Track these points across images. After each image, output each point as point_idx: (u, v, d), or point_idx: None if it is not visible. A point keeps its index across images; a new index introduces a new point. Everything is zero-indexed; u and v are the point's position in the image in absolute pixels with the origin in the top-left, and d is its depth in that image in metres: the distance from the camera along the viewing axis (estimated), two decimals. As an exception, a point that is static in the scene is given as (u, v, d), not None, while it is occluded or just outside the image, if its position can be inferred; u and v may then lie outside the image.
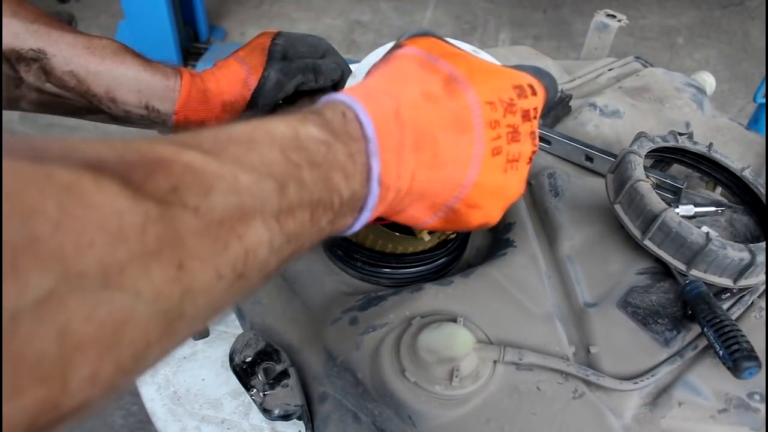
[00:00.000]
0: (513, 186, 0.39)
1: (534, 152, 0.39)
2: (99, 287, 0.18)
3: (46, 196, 0.18)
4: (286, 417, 0.50)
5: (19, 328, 0.17)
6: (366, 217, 0.32)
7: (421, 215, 0.36)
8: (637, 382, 0.47)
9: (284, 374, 0.52)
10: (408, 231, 0.51)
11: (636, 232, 0.54)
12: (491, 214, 0.39)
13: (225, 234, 0.23)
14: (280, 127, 0.28)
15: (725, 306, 0.52)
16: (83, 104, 0.54)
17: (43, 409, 0.18)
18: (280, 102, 0.60)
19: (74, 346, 0.18)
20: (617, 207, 0.55)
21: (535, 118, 0.38)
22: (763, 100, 1.20)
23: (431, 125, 0.33)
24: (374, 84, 0.34)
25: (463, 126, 0.34)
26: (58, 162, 0.19)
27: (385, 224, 0.51)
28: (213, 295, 0.23)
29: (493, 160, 0.36)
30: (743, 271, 0.51)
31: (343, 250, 0.56)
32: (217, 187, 0.23)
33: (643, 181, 0.53)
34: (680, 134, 0.62)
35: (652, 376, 0.47)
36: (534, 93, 0.38)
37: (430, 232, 0.51)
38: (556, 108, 0.73)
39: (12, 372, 0.17)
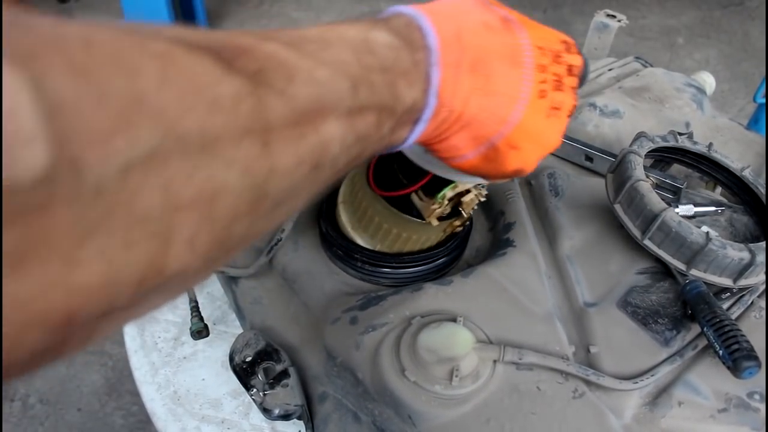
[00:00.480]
0: (553, 134, 0.39)
1: (574, 107, 0.40)
2: (198, 151, 0.19)
3: (145, 58, 0.18)
4: (286, 417, 0.50)
5: (129, 180, 0.17)
6: (420, 130, 0.33)
7: (463, 146, 0.36)
8: (637, 382, 0.47)
9: (284, 374, 0.52)
10: (418, 216, 0.51)
11: (636, 232, 0.54)
12: (528, 160, 0.39)
13: (305, 123, 0.24)
14: (350, 31, 0.29)
15: (725, 306, 0.52)
16: None
17: (149, 271, 0.19)
18: None
19: (176, 206, 0.19)
20: (617, 207, 0.55)
21: (577, 76, 0.39)
22: (763, 100, 1.20)
23: (488, 53, 0.34)
24: (436, 8, 0.35)
25: (516, 61, 0.35)
26: (150, 36, 0.19)
27: (399, 201, 0.50)
28: (293, 180, 0.24)
29: (538, 102, 0.36)
30: (743, 270, 0.51)
31: (343, 249, 0.56)
32: (298, 77, 0.24)
33: (643, 180, 0.53)
34: (680, 134, 0.62)
35: (652, 375, 0.47)
36: (578, 53, 0.39)
37: (439, 218, 0.50)
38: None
39: (124, 225, 0.17)
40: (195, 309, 0.59)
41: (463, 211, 0.50)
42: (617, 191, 0.56)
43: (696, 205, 0.59)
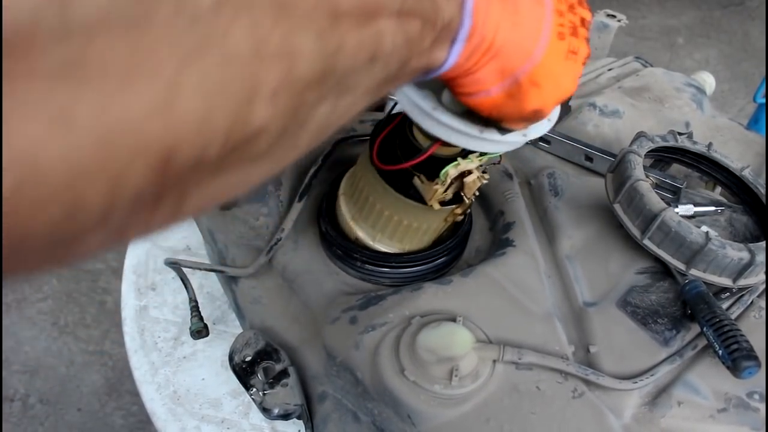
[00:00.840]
0: (570, 77, 0.40)
1: (588, 55, 0.41)
2: (278, 7, 0.20)
3: None
4: (285, 416, 0.50)
5: (221, 14, 0.18)
6: (457, 51, 0.33)
7: (488, 80, 0.37)
8: (636, 382, 0.47)
9: (284, 373, 0.52)
10: (421, 201, 0.50)
11: (635, 232, 0.54)
12: (547, 100, 0.39)
13: (365, 13, 0.25)
14: None
15: (725, 305, 0.52)
16: None
17: (237, 120, 0.20)
18: None
19: (262, 54, 0.20)
20: (617, 206, 0.55)
21: (587, 28, 0.40)
22: (763, 100, 1.20)
23: None
24: None
25: (539, 0, 0.37)
26: None
27: (401, 184, 0.50)
28: (355, 63, 0.25)
29: (557, 43, 0.37)
30: (742, 270, 0.51)
31: (342, 249, 0.56)
32: None
33: (642, 180, 0.53)
34: (680, 134, 0.62)
35: (652, 375, 0.47)
36: (588, 9, 0.41)
37: (441, 203, 0.50)
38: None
39: (218, 59, 0.18)
40: (195, 309, 0.59)
41: (464, 196, 0.50)
42: (617, 191, 0.56)
43: (696, 204, 0.59)
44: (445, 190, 0.48)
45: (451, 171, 0.47)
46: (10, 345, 1.47)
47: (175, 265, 0.61)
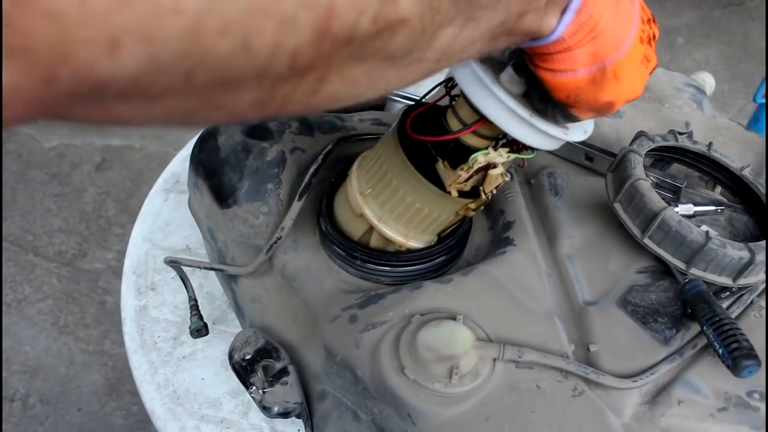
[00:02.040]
0: (641, 81, 0.42)
1: (654, 69, 0.43)
2: None
3: None
4: (285, 415, 0.50)
5: None
6: (567, 20, 0.35)
7: (581, 60, 0.38)
8: (636, 381, 0.47)
9: (283, 372, 0.52)
10: (440, 186, 0.49)
11: (636, 231, 0.54)
12: (620, 96, 0.41)
13: None
14: None
15: (725, 305, 0.52)
16: None
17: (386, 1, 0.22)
18: None
19: None
20: (617, 206, 0.55)
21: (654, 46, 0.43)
22: (763, 100, 1.20)
23: None
24: None
25: (632, 0, 0.39)
26: None
27: (426, 166, 0.49)
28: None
29: (638, 44, 0.39)
30: (743, 269, 0.51)
31: (343, 248, 0.56)
32: None
33: (642, 180, 0.53)
34: (680, 134, 0.62)
35: (652, 374, 0.47)
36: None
37: (459, 193, 0.49)
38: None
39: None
40: (194, 308, 0.59)
41: (483, 191, 0.49)
42: (617, 190, 0.56)
43: (696, 204, 0.59)
44: (467, 179, 0.48)
45: (480, 158, 0.46)
46: (10, 345, 1.47)
47: (174, 263, 0.61)
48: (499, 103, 0.42)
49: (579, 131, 0.46)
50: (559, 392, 0.46)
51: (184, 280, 0.60)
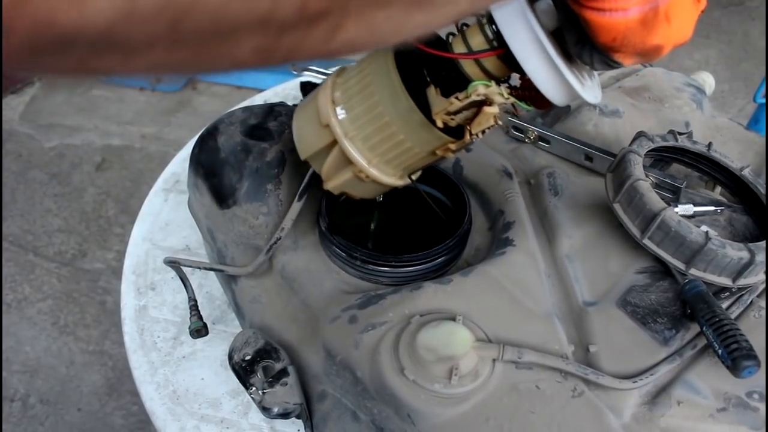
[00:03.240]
0: (690, 24, 0.39)
1: (703, 11, 0.40)
2: None
3: None
4: (285, 415, 0.50)
5: None
6: None
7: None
8: (636, 381, 0.47)
9: (283, 372, 0.52)
10: (425, 113, 0.45)
11: (635, 231, 0.54)
12: (670, 39, 0.38)
13: None
14: None
15: (724, 305, 0.52)
16: None
17: None
18: None
19: None
20: (616, 206, 0.55)
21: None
22: (763, 100, 1.20)
23: None
24: None
25: None
26: None
27: (416, 89, 0.45)
28: None
29: None
30: (742, 270, 0.51)
31: (342, 248, 0.56)
32: None
33: (642, 180, 0.53)
34: (680, 134, 0.62)
35: (651, 375, 0.47)
36: None
37: (444, 126, 0.45)
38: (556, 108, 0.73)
39: None
40: (194, 308, 0.59)
41: (469, 131, 0.44)
42: (617, 190, 0.56)
43: (695, 204, 0.59)
44: (458, 111, 0.43)
45: (480, 88, 0.42)
46: (10, 345, 1.47)
47: (174, 264, 0.61)
48: (528, 32, 0.38)
49: (591, 94, 0.43)
50: (559, 393, 0.46)
51: (184, 280, 0.60)
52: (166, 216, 0.74)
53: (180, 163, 0.81)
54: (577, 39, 0.38)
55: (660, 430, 0.46)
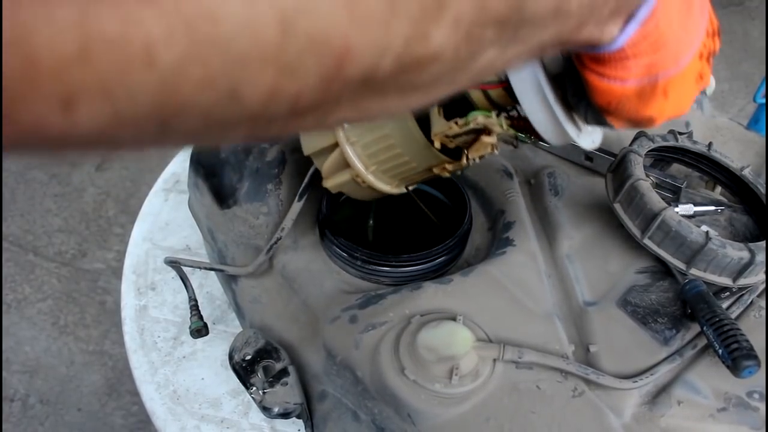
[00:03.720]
0: (690, 100, 0.38)
1: (705, 87, 0.40)
2: None
3: None
4: (285, 415, 0.50)
5: None
6: (630, 32, 0.32)
7: (634, 71, 0.35)
8: (636, 381, 0.47)
9: (284, 372, 0.52)
10: (425, 131, 0.45)
11: (636, 231, 0.54)
12: (664, 113, 0.38)
13: None
14: None
15: (725, 305, 0.52)
16: None
17: (415, 37, 0.19)
18: None
19: None
20: (617, 206, 0.55)
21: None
22: (763, 100, 1.20)
23: None
24: None
25: (702, 12, 0.35)
26: None
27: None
28: (538, 14, 0.24)
29: (696, 61, 0.36)
30: (743, 270, 0.51)
31: (343, 248, 0.56)
32: None
33: (642, 180, 0.53)
34: (680, 134, 0.62)
35: (652, 374, 0.47)
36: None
37: (442, 147, 0.45)
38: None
39: None
40: (194, 308, 0.59)
41: (466, 156, 0.45)
42: (617, 190, 0.56)
43: (696, 204, 0.59)
44: (456, 135, 0.44)
45: (480, 118, 0.43)
46: (10, 345, 1.47)
47: (174, 264, 0.61)
48: (530, 74, 0.38)
49: (589, 139, 0.44)
50: (559, 393, 0.46)
51: (184, 280, 0.60)
52: (166, 216, 0.74)
53: (180, 163, 0.81)
54: (575, 91, 0.38)
55: (660, 430, 0.46)
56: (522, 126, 0.44)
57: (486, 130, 0.43)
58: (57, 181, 1.83)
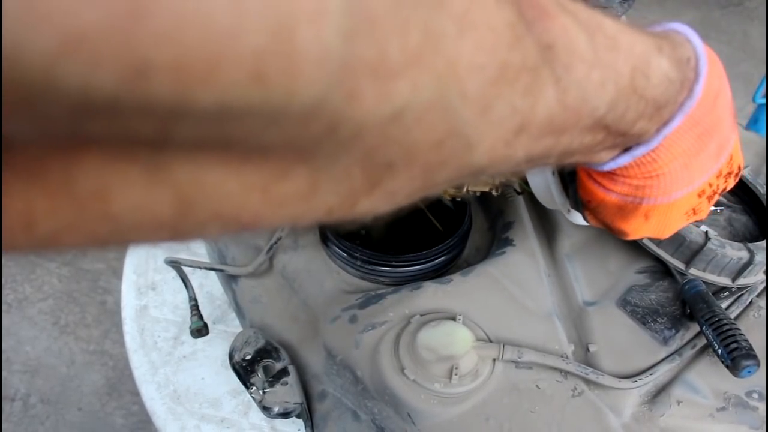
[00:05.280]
0: (671, 230, 0.37)
1: (698, 220, 0.39)
2: (476, 114, 0.18)
3: None
4: (285, 415, 0.50)
5: (390, 131, 0.16)
6: (622, 162, 0.31)
7: (621, 188, 0.33)
8: (636, 381, 0.47)
9: (284, 372, 0.52)
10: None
11: (635, 231, 0.54)
12: (638, 232, 0.37)
13: (557, 129, 0.22)
14: (640, 44, 0.26)
15: (724, 305, 0.52)
16: None
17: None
18: None
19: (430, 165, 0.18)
20: (616, 206, 0.55)
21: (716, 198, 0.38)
22: (763, 100, 1.20)
23: (716, 130, 0.32)
24: (713, 57, 0.32)
25: (718, 155, 0.33)
26: None
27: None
28: (517, 161, 0.22)
29: (693, 197, 0.35)
30: (742, 270, 0.51)
31: (342, 248, 0.56)
32: (576, 69, 0.21)
33: (642, 180, 0.53)
34: (679, 133, 0.62)
35: (651, 374, 0.47)
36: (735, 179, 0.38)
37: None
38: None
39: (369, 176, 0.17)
40: (194, 308, 0.59)
41: (466, 188, 0.46)
42: (616, 190, 0.56)
43: (695, 204, 0.59)
44: None
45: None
46: (10, 345, 1.47)
47: (175, 263, 0.61)
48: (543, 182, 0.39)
49: (581, 217, 0.43)
50: (559, 392, 0.46)
51: (185, 280, 0.60)
52: (167, 216, 0.74)
53: (180, 163, 0.81)
54: (570, 172, 0.38)
55: (660, 430, 0.46)
56: (524, 176, 0.44)
57: None
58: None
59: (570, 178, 0.38)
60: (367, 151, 0.16)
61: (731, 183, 0.37)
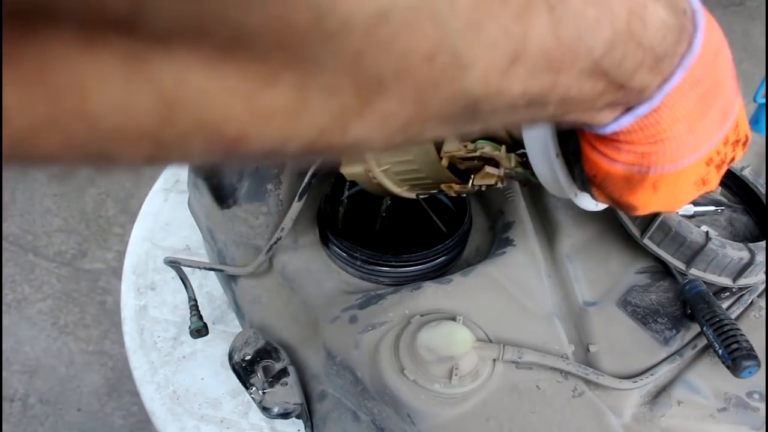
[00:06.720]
0: (683, 201, 0.36)
1: (708, 191, 0.37)
2: (465, 30, 0.18)
3: None
4: (285, 415, 0.50)
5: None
6: (625, 122, 0.30)
7: (627, 157, 0.32)
8: (636, 381, 0.47)
9: (283, 372, 0.52)
10: (436, 147, 0.45)
11: (635, 231, 0.54)
12: (648, 206, 0.36)
13: (551, 66, 0.21)
14: None
15: (725, 305, 0.52)
16: None
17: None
18: None
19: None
20: (617, 206, 0.55)
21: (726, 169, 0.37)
22: (763, 100, 1.20)
23: (719, 92, 0.31)
24: (712, 19, 0.31)
25: (723, 119, 0.33)
26: None
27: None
28: (514, 103, 0.22)
29: (701, 166, 0.34)
30: (742, 270, 0.51)
31: (342, 248, 0.56)
32: (571, 2, 0.21)
33: (642, 180, 0.53)
34: (680, 133, 0.62)
35: (652, 375, 0.47)
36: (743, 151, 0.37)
37: (450, 165, 0.45)
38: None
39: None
40: (194, 308, 0.59)
41: (471, 182, 0.45)
42: (617, 190, 0.56)
43: (696, 204, 0.59)
44: (463, 159, 0.44)
45: (487, 148, 0.42)
46: (10, 345, 1.47)
47: (174, 264, 0.61)
48: (540, 131, 0.37)
49: (592, 201, 0.42)
50: (559, 393, 0.46)
51: (184, 280, 0.60)
52: (166, 216, 0.74)
53: (180, 163, 0.80)
54: (574, 151, 0.37)
55: (660, 430, 0.46)
56: (530, 168, 0.43)
57: (493, 161, 0.43)
58: (57, 181, 1.83)
59: (575, 159, 0.37)
60: (354, 56, 0.16)
61: (739, 153, 0.36)
